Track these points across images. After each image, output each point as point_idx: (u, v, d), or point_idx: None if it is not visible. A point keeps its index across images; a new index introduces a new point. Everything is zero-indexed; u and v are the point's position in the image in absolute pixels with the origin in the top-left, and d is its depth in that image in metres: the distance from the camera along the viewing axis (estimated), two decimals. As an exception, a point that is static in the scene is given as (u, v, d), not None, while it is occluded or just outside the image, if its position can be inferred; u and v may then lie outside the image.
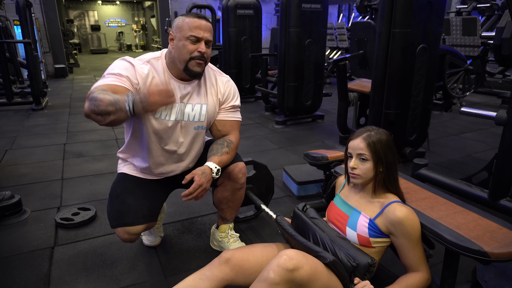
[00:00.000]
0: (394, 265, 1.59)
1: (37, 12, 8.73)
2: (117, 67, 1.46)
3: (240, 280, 1.25)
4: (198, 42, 1.46)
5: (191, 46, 1.46)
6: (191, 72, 1.50)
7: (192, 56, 1.46)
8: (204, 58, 1.49)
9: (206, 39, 1.47)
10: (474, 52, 5.51)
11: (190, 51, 1.46)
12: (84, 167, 3.14)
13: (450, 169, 3.11)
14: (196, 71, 1.50)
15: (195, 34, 1.44)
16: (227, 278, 1.24)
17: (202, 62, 1.49)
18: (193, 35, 1.44)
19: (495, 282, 1.35)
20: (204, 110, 1.61)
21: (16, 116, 5.07)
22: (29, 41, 5.04)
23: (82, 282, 1.69)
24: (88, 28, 20.35)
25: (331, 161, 2.07)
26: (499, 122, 1.98)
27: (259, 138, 4.06)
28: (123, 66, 1.47)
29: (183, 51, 1.46)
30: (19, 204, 2.28)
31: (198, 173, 1.44)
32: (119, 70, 1.44)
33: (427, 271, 1.23)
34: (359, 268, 1.17)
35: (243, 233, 2.10)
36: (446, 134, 4.17)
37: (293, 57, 4.32)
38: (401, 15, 2.71)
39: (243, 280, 1.24)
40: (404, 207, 1.22)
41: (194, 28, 1.44)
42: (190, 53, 1.46)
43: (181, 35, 1.46)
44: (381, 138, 1.26)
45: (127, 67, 1.47)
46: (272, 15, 11.70)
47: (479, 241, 1.15)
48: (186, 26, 1.45)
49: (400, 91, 2.90)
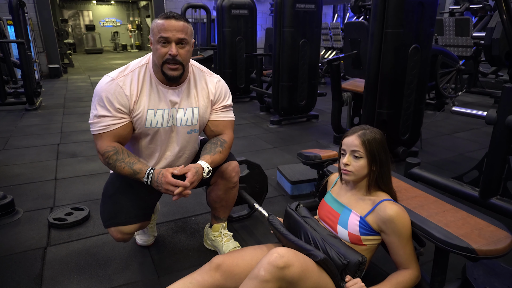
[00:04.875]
0: (385, 263, 1.61)
1: (31, 11, 8.67)
2: (105, 97, 1.44)
3: (230, 285, 1.25)
4: (169, 44, 1.41)
5: (162, 49, 1.41)
6: (167, 77, 1.46)
7: (164, 60, 1.42)
8: (177, 60, 1.42)
9: (176, 39, 1.40)
10: (467, 53, 5.56)
11: (161, 54, 1.41)
12: (77, 167, 3.13)
13: (443, 168, 3.14)
14: (171, 75, 1.45)
15: (164, 35, 1.39)
16: (217, 283, 1.24)
17: (176, 65, 1.43)
18: (162, 36, 1.39)
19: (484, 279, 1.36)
20: (196, 114, 1.61)
21: (10, 116, 5.03)
22: (22, 41, 5.01)
23: (74, 282, 1.69)
24: (82, 28, 20.24)
25: (324, 160, 2.08)
26: (489, 122, 2.00)
27: (254, 138, 4.07)
28: (110, 93, 1.44)
29: (156, 55, 1.44)
30: (11, 205, 2.27)
31: (192, 170, 1.44)
32: (108, 103, 1.43)
33: (417, 268, 1.25)
34: (349, 266, 1.18)
35: (237, 232, 2.11)
36: (439, 134, 4.21)
37: (288, 57, 4.34)
38: (393, 16, 2.73)
39: (234, 285, 1.24)
40: (395, 205, 1.24)
41: (162, 29, 1.39)
42: (162, 57, 1.42)
43: (154, 39, 1.43)
44: (375, 137, 1.27)
45: (115, 92, 1.44)
46: (267, 15, 11.71)
47: (467, 238, 1.16)
48: (156, 29, 1.41)
49: (392, 90, 2.93)
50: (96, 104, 1.46)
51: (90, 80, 8.65)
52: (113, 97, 1.44)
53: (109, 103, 1.44)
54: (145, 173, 1.43)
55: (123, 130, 1.49)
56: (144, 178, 1.43)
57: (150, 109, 1.51)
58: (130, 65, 1.53)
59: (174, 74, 1.45)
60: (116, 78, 1.47)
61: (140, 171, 1.44)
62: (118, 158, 1.46)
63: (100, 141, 1.47)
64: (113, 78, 1.47)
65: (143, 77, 1.51)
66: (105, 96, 1.44)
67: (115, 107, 1.45)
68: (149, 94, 1.50)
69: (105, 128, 1.46)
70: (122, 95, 1.45)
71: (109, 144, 1.47)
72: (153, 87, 1.51)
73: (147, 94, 1.50)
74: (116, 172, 1.49)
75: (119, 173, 1.48)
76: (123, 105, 1.46)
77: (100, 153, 1.49)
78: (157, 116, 1.52)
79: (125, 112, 1.48)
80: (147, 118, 1.51)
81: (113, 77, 1.48)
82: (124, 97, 1.46)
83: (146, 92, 1.50)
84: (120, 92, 1.45)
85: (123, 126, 1.48)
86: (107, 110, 1.45)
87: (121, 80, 1.47)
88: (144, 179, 1.43)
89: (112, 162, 1.46)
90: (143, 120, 1.51)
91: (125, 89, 1.46)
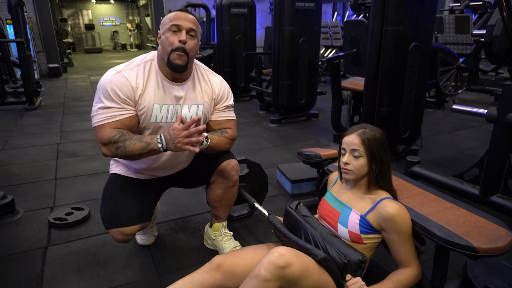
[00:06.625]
0: (386, 261, 1.60)
1: (30, 11, 8.66)
2: (111, 88, 1.42)
3: (231, 285, 1.25)
4: (180, 32, 1.45)
5: (173, 37, 1.44)
6: (172, 65, 1.46)
7: (173, 48, 1.44)
8: (185, 50, 1.45)
9: (187, 27, 1.45)
10: (467, 50, 5.55)
11: (171, 42, 1.44)
12: (77, 166, 3.13)
13: (443, 166, 3.13)
14: (176, 64, 1.45)
15: (176, 23, 1.44)
16: (217, 283, 1.24)
17: (183, 54, 1.45)
18: (174, 23, 1.44)
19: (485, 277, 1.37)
20: (200, 111, 1.61)
21: (9, 116, 5.03)
22: (21, 40, 5.00)
23: (75, 281, 1.69)
24: (82, 27, 20.20)
25: (324, 159, 2.08)
26: (490, 119, 2.00)
27: (254, 137, 4.06)
28: (116, 84, 1.43)
29: (166, 43, 1.46)
30: (12, 204, 2.27)
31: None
32: (114, 94, 1.42)
33: (418, 266, 1.25)
34: (350, 265, 1.18)
35: (237, 232, 2.11)
36: (439, 132, 4.20)
37: (287, 56, 4.33)
38: (393, 13, 2.72)
39: (234, 284, 1.24)
40: (395, 204, 1.23)
41: (174, 18, 1.45)
42: (171, 45, 1.44)
43: (164, 29, 1.47)
44: (375, 135, 1.27)
45: (121, 83, 1.43)
46: (267, 13, 11.69)
47: (468, 236, 1.16)
48: (167, 19, 1.47)
49: (392, 88, 2.92)
50: (101, 96, 1.43)
51: (89, 80, 8.64)
52: (119, 88, 1.43)
53: (114, 94, 1.42)
54: (157, 140, 1.40)
55: (129, 121, 1.47)
56: (158, 144, 1.39)
57: (156, 103, 1.50)
58: (135, 60, 1.53)
59: (180, 62, 1.46)
60: (121, 71, 1.46)
61: (152, 140, 1.41)
62: (126, 138, 1.42)
63: (103, 131, 1.42)
64: (119, 70, 1.46)
65: (148, 71, 1.51)
66: (111, 88, 1.42)
67: (121, 98, 1.43)
68: (154, 88, 1.50)
69: (109, 118, 1.42)
70: (128, 86, 1.44)
71: (111, 130, 1.42)
72: (159, 82, 1.51)
73: (153, 89, 1.49)
74: (127, 155, 1.43)
75: (131, 154, 1.41)
76: (128, 97, 1.45)
77: (104, 143, 1.42)
78: (163, 111, 1.52)
79: (131, 104, 1.46)
80: (152, 112, 1.50)
81: (118, 69, 1.47)
82: (130, 89, 1.44)
83: (152, 87, 1.50)
84: (126, 84, 1.44)
85: (128, 117, 1.46)
86: (113, 101, 1.43)
87: (127, 73, 1.46)
88: (158, 145, 1.39)
89: (121, 144, 1.41)
90: (149, 114, 1.50)
91: (131, 81, 1.45)
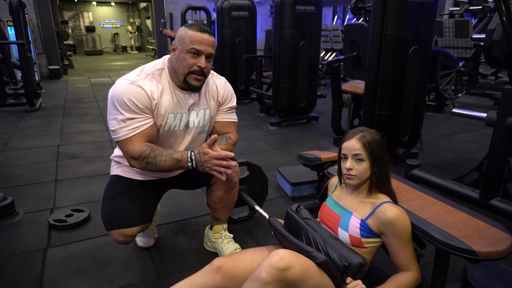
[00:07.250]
0: (386, 265, 1.61)
1: (31, 13, 8.68)
2: (128, 99, 1.41)
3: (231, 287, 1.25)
4: (199, 56, 1.44)
5: (191, 60, 1.43)
6: (189, 86, 1.48)
7: (191, 70, 1.45)
8: (204, 73, 1.47)
9: (207, 53, 1.45)
10: (467, 54, 5.56)
11: (189, 65, 1.43)
12: (78, 168, 3.13)
13: (443, 169, 3.14)
14: (194, 85, 1.48)
15: (197, 47, 1.42)
16: (217, 286, 1.24)
17: (201, 77, 1.47)
18: (195, 48, 1.42)
19: (484, 281, 1.37)
20: (207, 115, 1.63)
21: (10, 117, 5.03)
22: (22, 42, 5.01)
23: (75, 283, 1.69)
24: (82, 29, 20.23)
25: (324, 162, 2.08)
26: (489, 123, 2.01)
27: (254, 140, 4.07)
28: (133, 95, 1.42)
29: (183, 63, 1.44)
30: (12, 206, 2.27)
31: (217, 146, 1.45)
32: (132, 105, 1.41)
33: (418, 270, 1.25)
34: (350, 268, 1.18)
35: (237, 234, 2.11)
36: (439, 135, 4.21)
37: (287, 59, 4.34)
38: (393, 17, 2.73)
39: (234, 287, 1.24)
40: (395, 208, 1.24)
41: (196, 41, 1.42)
42: (189, 67, 1.44)
43: (183, 48, 1.44)
44: (374, 138, 1.28)
45: (138, 93, 1.43)
46: (267, 16, 11.72)
47: (467, 240, 1.16)
48: (188, 39, 1.42)
49: (392, 92, 2.93)
50: (119, 108, 1.42)
51: (90, 82, 8.65)
52: (137, 99, 1.42)
53: (133, 105, 1.42)
54: (187, 158, 1.44)
55: (152, 129, 1.48)
56: (188, 163, 1.44)
57: (171, 112, 1.52)
58: (145, 69, 1.51)
59: (198, 84, 1.49)
60: (135, 81, 1.45)
61: (182, 158, 1.44)
62: (157, 154, 1.44)
63: (131, 145, 1.43)
64: (132, 81, 1.45)
65: (161, 81, 1.51)
66: (128, 99, 1.41)
67: (140, 108, 1.43)
68: (168, 98, 1.51)
69: (134, 130, 1.43)
70: (145, 96, 1.44)
71: (141, 144, 1.44)
72: (172, 92, 1.52)
73: (167, 98, 1.50)
74: (156, 170, 1.47)
75: (161, 169, 1.46)
76: (146, 107, 1.45)
77: (134, 157, 1.44)
78: (176, 120, 1.54)
79: (149, 113, 1.47)
80: (167, 121, 1.52)
81: (131, 79, 1.45)
82: (147, 98, 1.45)
83: (166, 96, 1.50)
84: (142, 93, 1.44)
85: (151, 126, 1.48)
86: (133, 112, 1.43)
87: (141, 82, 1.45)
88: (188, 164, 1.44)
89: (152, 160, 1.44)
90: (164, 124, 1.52)
91: (147, 91, 1.45)
